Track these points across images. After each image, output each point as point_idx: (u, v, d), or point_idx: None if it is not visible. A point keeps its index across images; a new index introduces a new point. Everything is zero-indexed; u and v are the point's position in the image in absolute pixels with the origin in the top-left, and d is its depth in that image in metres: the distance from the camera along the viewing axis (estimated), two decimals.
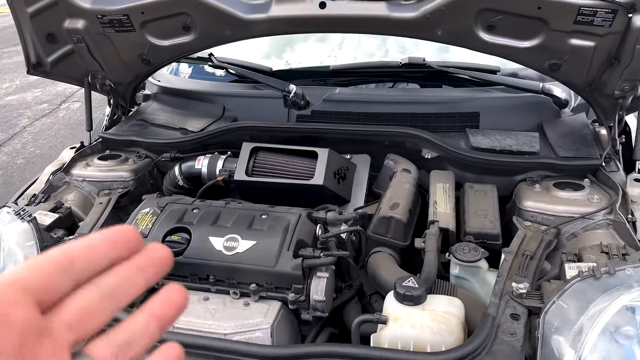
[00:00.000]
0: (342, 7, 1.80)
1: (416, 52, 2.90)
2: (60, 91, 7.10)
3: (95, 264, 0.40)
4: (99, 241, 0.41)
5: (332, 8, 1.81)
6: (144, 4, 1.93)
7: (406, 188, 1.68)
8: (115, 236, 0.42)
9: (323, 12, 1.81)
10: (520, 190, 1.68)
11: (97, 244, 0.41)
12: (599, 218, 1.52)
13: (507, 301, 1.30)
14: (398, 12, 1.76)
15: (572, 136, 1.85)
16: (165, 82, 2.42)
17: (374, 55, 2.90)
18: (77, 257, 0.39)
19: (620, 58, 1.64)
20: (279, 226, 1.55)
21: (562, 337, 1.19)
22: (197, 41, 2.02)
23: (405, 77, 2.17)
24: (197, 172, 1.91)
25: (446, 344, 1.24)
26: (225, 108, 2.17)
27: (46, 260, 0.39)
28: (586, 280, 1.23)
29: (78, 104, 6.61)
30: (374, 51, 2.93)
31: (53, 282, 0.38)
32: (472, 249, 1.45)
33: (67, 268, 0.39)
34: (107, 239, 0.42)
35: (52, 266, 0.38)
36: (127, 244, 0.42)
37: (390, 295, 1.35)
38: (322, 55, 2.72)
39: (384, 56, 2.87)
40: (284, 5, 1.85)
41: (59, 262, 0.39)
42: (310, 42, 2.85)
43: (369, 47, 2.89)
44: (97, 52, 2.12)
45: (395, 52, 2.95)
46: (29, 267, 0.38)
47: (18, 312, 0.36)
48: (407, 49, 2.95)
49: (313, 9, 1.82)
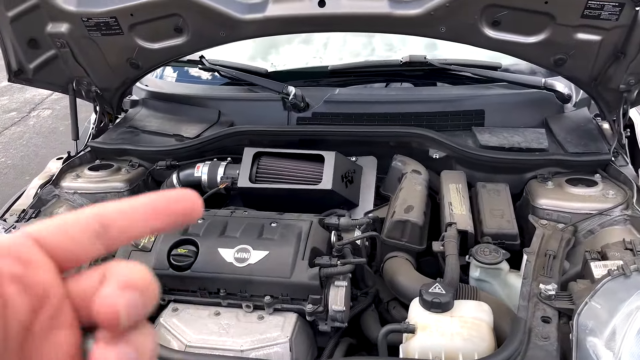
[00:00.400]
0: (342, 5, 1.75)
1: (403, 49, 2.87)
2: (28, 98, 6.85)
3: (133, 234, 0.34)
4: (142, 208, 0.34)
5: (332, 6, 1.75)
6: (133, 6, 1.83)
7: (418, 190, 1.63)
8: (166, 205, 0.35)
9: (322, 11, 1.75)
10: (533, 188, 1.66)
11: (139, 212, 0.34)
12: (616, 214, 1.50)
13: (536, 304, 1.27)
14: (400, 10, 1.71)
15: (578, 131, 1.84)
16: (153, 86, 2.33)
17: (360, 54, 2.85)
18: (113, 224, 0.34)
19: (627, 52, 1.63)
20: (291, 234, 1.49)
21: (597, 338, 1.16)
22: (189, 43, 1.94)
23: (406, 76, 2.12)
24: (196, 180, 1.82)
25: (478, 351, 1.20)
26: (220, 112, 2.09)
27: (76, 222, 0.33)
28: (617, 279, 1.21)
29: (48, 111, 6.38)
30: (359, 50, 2.89)
31: (80, 249, 0.33)
32: (492, 250, 1.42)
33: (99, 235, 0.33)
34: (153, 208, 0.34)
35: (81, 230, 0.33)
36: (180, 216, 0.35)
37: (415, 302, 1.30)
38: (307, 56, 2.66)
39: (370, 55, 2.82)
40: (282, 4, 1.78)
41: (90, 227, 0.33)
42: (295, 44, 2.79)
43: (354, 46, 2.84)
44: (82, 57, 2.01)
45: (382, 50, 2.91)
46: (56, 227, 0.33)
47: (38, 274, 0.31)
48: (395, 46, 2.91)
49: (312, 7, 1.76)
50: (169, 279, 1.48)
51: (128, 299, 0.30)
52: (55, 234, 0.33)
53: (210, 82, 2.42)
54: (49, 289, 0.31)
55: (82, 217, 0.33)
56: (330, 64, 2.49)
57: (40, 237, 0.32)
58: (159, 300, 0.35)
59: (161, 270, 1.47)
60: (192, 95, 2.20)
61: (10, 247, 0.31)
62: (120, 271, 0.32)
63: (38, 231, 0.32)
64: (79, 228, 0.33)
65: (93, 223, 0.33)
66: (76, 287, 0.33)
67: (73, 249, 0.33)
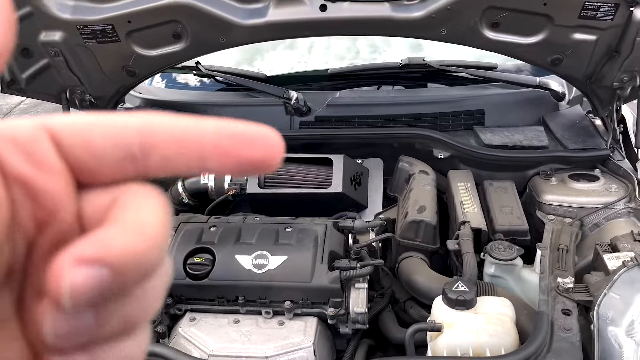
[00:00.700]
0: (343, 10, 1.76)
1: (388, 50, 2.91)
2: None
3: (177, 169, 0.26)
4: (203, 139, 0.25)
5: (334, 10, 1.76)
6: (131, 13, 1.81)
7: (428, 190, 1.66)
8: (235, 145, 0.25)
9: (324, 15, 1.76)
10: (537, 185, 1.70)
11: (197, 143, 0.25)
12: (620, 207, 1.56)
13: (555, 297, 1.30)
14: (402, 13, 1.74)
15: (574, 128, 1.90)
16: (147, 94, 2.29)
17: (344, 57, 2.88)
18: (157, 149, 0.25)
19: (621, 50, 1.69)
20: (308, 239, 1.49)
21: (618, 328, 1.21)
22: (188, 49, 1.92)
23: (405, 78, 2.15)
24: (203, 187, 1.81)
25: (505, 346, 1.23)
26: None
27: (110, 130, 0.25)
28: (632, 269, 1.25)
29: None
30: (344, 54, 2.91)
31: (103, 168, 0.25)
32: (507, 247, 1.45)
33: (134, 159, 0.25)
34: (217, 144, 0.25)
35: (113, 145, 0.24)
36: (247, 164, 0.26)
37: (438, 301, 1.33)
38: (292, 61, 2.67)
39: (355, 58, 2.85)
40: (283, 9, 1.79)
41: (126, 145, 0.25)
42: (280, 49, 2.79)
43: (338, 50, 2.86)
44: (76, 66, 1.97)
45: (366, 53, 2.94)
46: (80, 129, 0.25)
47: (50, 181, 0.24)
48: (379, 47, 2.94)
49: (313, 12, 1.77)
50: (186, 288, 1.46)
51: (85, 279, 0.22)
52: (76, 139, 0.25)
53: (202, 88, 2.40)
54: (59, 203, 0.24)
55: (120, 127, 0.25)
56: (314, 68, 2.51)
57: (59, 134, 0.24)
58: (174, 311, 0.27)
59: (178, 280, 1.45)
60: (191, 102, 2.18)
61: (19, 135, 0.24)
62: (123, 217, 0.24)
63: (57, 126, 0.25)
64: (111, 141, 0.25)
65: (132, 141, 0.25)
66: (87, 207, 0.25)
67: (93, 166, 0.25)
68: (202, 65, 2.18)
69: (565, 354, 1.19)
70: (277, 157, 0.26)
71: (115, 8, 1.80)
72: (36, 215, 0.24)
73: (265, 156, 0.26)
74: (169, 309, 1.48)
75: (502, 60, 2.24)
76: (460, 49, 2.15)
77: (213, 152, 0.25)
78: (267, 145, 0.26)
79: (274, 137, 0.26)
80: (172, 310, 1.49)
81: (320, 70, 2.31)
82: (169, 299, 1.47)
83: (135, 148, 0.25)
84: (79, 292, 0.22)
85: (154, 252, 0.23)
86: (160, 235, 0.24)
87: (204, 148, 0.25)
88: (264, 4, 1.79)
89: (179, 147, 0.25)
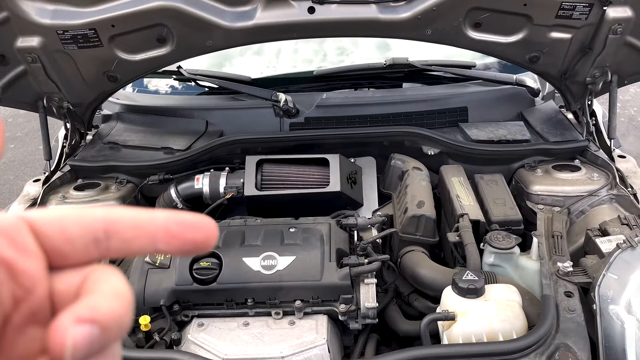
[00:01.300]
0: (331, 12, 1.79)
1: (355, 52, 2.96)
2: None
3: (134, 250, 0.32)
4: (154, 225, 0.31)
5: (322, 12, 1.79)
6: (116, 16, 1.77)
7: (424, 185, 1.71)
8: (181, 229, 0.31)
9: (312, 17, 1.78)
10: (523, 176, 1.78)
11: (149, 228, 0.31)
12: (603, 194, 1.66)
13: (556, 281, 1.37)
14: (389, 14, 1.78)
15: (551, 122, 2.00)
16: (126, 99, 2.24)
17: (312, 61, 2.91)
18: (118, 234, 0.31)
19: (593, 47, 1.80)
20: (314, 238, 1.51)
21: (618, 306, 1.29)
22: (173, 53, 1.89)
23: (389, 78, 2.20)
24: (197, 192, 1.79)
25: (515, 330, 1.29)
26: (208, 123, 2.05)
27: (79, 220, 0.31)
28: (626, 251, 1.34)
29: None
30: (311, 57, 2.94)
31: (73, 251, 0.31)
32: (505, 236, 1.52)
33: (98, 242, 0.31)
34: (166, 228, 0.31)
35: (81, 232, 0.30)
36: (191, 245, 0.32)
37: (448, 291, 1.37)
38: (261, 66, 2.67)
39: (322, 61, 2.88)
40: (271, 11, 1.79)
41: (92, 231, 0.30)
42: (248, 55, 2.79)
43: (306, 54, 2.89)
44: (54, 72, 1.91)
45: (334, 55, 2.97)
46: (55, 219, 0.30)
47: (29, 263, 0.29)
48: (346, 49, 2.99)
49: (301, 14, 1.78)
50: (193, 294, 1.45)
51: (83, 336, 0.27)
52: (52, 227, 0.30)
53: (182, 92, 2.37)
54: (35, 282, 0.29)
55: (87, 217, 0.31)
56: (283, 72, 2.53)
57: (36, 225, 0.30)
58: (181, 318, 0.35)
59: (184, 286, 1.44)
60: (177, 107, 2.15)
61: (4, 227, 0.29)
62: (99, 288, 0.29)
63: (35, 218, 0.30)
64: (80, 228, 0.30)
65: (97, 227, 0.31)
66: (58, 285, 0.30)
67: (65, 250, 0.30)
68: (184, 70, 2.16)
69: (572, 333, 1.26)
70: (213, 238, 0.32)
71: (99, 12, 1.76)
72: (15, 293, 0.28)
73: (205, 238, 0.32)
74: (176, 316, 1.46)
75: (471, 58, 2.33)
76: (430, 48, 2.23)
77: (163, 236, 0.31)
78: (206, 229, 0.32)
79: (210, 223, 0.32)
80: (180, 317, 1.47)
81: (306, 72, 2.33)
82: (176, 305, 1.45)
83: (99, 232, 0.31)
84: (78, 347, 0.27)
85: (129, 313, 0.29)
86: (131, 301, 0.30)
87: (156, 233, 0.31)
88: (252, 7, 1.79)
89: (135, 232, 0.31)
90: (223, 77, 2.18)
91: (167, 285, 1.44)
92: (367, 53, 2.80)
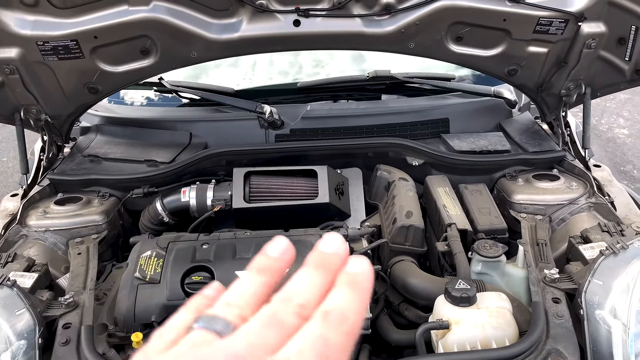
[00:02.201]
0: (316, 25, 1.81)
1: (331, 63, 2.99)
2: None
3: None
4: None
5: (307, 25, 1.80)
6: (99, 28, 1.74)
7: (411, 196, 1.74)
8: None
9: (297, 30, 1.80)
10: (505, 186, 1.83)
11: None
12: (582, 202, 1.72)
13: (544, 288, 1.42)
14: (373, 28, 1.81)
15: (528, 132, 2.06)
16: (106, 111, 2.20)
17: (288, 73, 2.93)
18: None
19: (568, 61, 1.87)
20: (306, 250, 1.48)
21: (604, 311, 1.33)
22: (156, 65, 1.88)
23: (371, 90, 2.23)
24: (184, 205, 1.77)
25: (508, 337, 1.32)
26: (192, 134, 2.03)
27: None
28: (609, 257, 1.39)
29: None
30: (287, 69, 2.95)
31: None
32: (492, 245, 1.55)
33: None
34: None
35: None
36: None
37: (441, 299, 1.39)
38: (237, 78, 2.67)
39: (298, 73, 2.90)
40: (257, 24, 1.80)
41: None
42: (224, 67, 2.79)
43: (281, 65, 2.90)
44: (32, 84, 1.86)
45: (309, 67, 3.00)
46: None
47: None
48: (322, 61, 3.02)
49: (287, 27, 1.80)
50: None
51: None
52: None
53: (162, 104, 2.34)
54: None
55: None
56: (260, 84, 2.53)
57: None
58: None
59: (176, 301, 1.42)
60: (159, 119, 2.12)
61: None
62: None
63: None
64: None
65: None
66: None
67: None
68: (166, 81, 2.14)
69: (562, 338, 1.30)
70: None
71: (81, 23, 1.73)
72: None
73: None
74: None
75: (446, 70, 2.39)
76: (405, 60, 2.27)
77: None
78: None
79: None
80: None
81: (289, 84, 2.33)
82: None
83: None
84: None
85: None
86: None
87: None
88: (238, 19, 1.79)
89: None
90: (206, 88, 2.17)
91: (158, 300, 1.41)
92: (343, 65, 2.83)
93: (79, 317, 1.36)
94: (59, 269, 1.65)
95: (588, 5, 1.72)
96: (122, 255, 1.84)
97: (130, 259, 1.53)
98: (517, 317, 1.43)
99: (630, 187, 4.21)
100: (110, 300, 1.53)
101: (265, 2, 1.73)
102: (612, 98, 5.70)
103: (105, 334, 1.41)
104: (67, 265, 1.64)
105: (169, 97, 2.31)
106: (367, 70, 2.30)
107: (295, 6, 1.74)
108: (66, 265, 1.64)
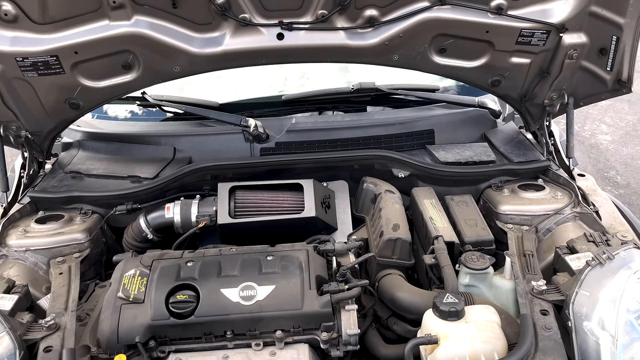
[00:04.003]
0: (300, 38, 1.80)
1: (316, 75, 2.99)
2: None
3: None
4: None
5: (290, 39, 1.80)
6: (79, 43, 1.72)
7: (397, 208, 1.73)
8: None
9: (281, 44, 1.79)
10: (491, 196, 1.83)
11: None
12: (567, 212, 1.72)
13: (532, 299, 1.41)
14: (356, 40, 1.81)
15: (513, 143, 2.07)
16: (88, 126, 2.17)
17: (273, 85, 2.91)
18: None
19: (551, 71, 1.89)
20: (292, 265, 1.49)
21: (592, 322, 1.33)
22: (139, 80, 1.86)
23: (356, 102, 2.23)
24: (168, 221, 1.74)
25: (497, 351, 1.31)
26: (175, 149, 2.01)
27: None
28: (595, 268, 1.39)
29: None
30: (273, 81, 2.95)
31: None
32: (479, 257, 1.55)
33: None
34: None
35: None
36: None
37: (429, 314, 1.38)
38: (222, 90, 2.65)
39: (284, 85, 2.89)
40: (240, 37, 1.79)
41: None
42: (209, 80, 2.76)
43: (267, 78, 2.89)
44: (12, 100, 1.83)
45: (295, 79, 2.99)
46: None
47: None
48: (307, 73, 3.02)
49: (271, 40, 1.79)
50: (170, 328, 1.40)
51: None
52: None
53: (145, 118, 2.32)
54: None
55: None
56: (244, 97, 2.51)
57: None
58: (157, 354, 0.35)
59: (160, 321, 1.39)
60: (142, 133, 2.09)
61: None
62: None
63: None
64: None
65: None
66: None
67: None
68: (149, 95, 2.11)
69: (550, 350, 1.29)
70: None
71: (62, 38, 1.71)
72: None
73: None
74: (152, 353, 1.41)
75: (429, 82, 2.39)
76: (390, 72, 2.26)
77: None
78: None
79: None
80: (156, 353, 1.41)
81: (274, 97, 2.32)
82: (152, 341, 1.40)
83: None
84: None
85: None
86: None
87: None
88: (221, 33, 1.78)
89: None
90: (190, 102, 2.15)
91: (142, 320, 1.38)
92: (327, 77, 2.83)
93: (60, 340, 1.33)
94: (40, 289, 1.61)
95: (569, 16, 1.74)
96: (105, 274, 1.81)
97: (114, 278, 1.50)
98: (506, 329, 1.42)
99: (614, 193, 4.27)
100: (93, 321, 1.49)
101: (249, 15, 1.72)
102: (595, 105, 5.75)
103: (88, 356, 1.37)
104: (48, 286, 1.60)
105: (153, 111, 2.29)
106: (352, 82, 2.31)
107: (278, 20, 1.74)
108: (47, 286, 1.61)
